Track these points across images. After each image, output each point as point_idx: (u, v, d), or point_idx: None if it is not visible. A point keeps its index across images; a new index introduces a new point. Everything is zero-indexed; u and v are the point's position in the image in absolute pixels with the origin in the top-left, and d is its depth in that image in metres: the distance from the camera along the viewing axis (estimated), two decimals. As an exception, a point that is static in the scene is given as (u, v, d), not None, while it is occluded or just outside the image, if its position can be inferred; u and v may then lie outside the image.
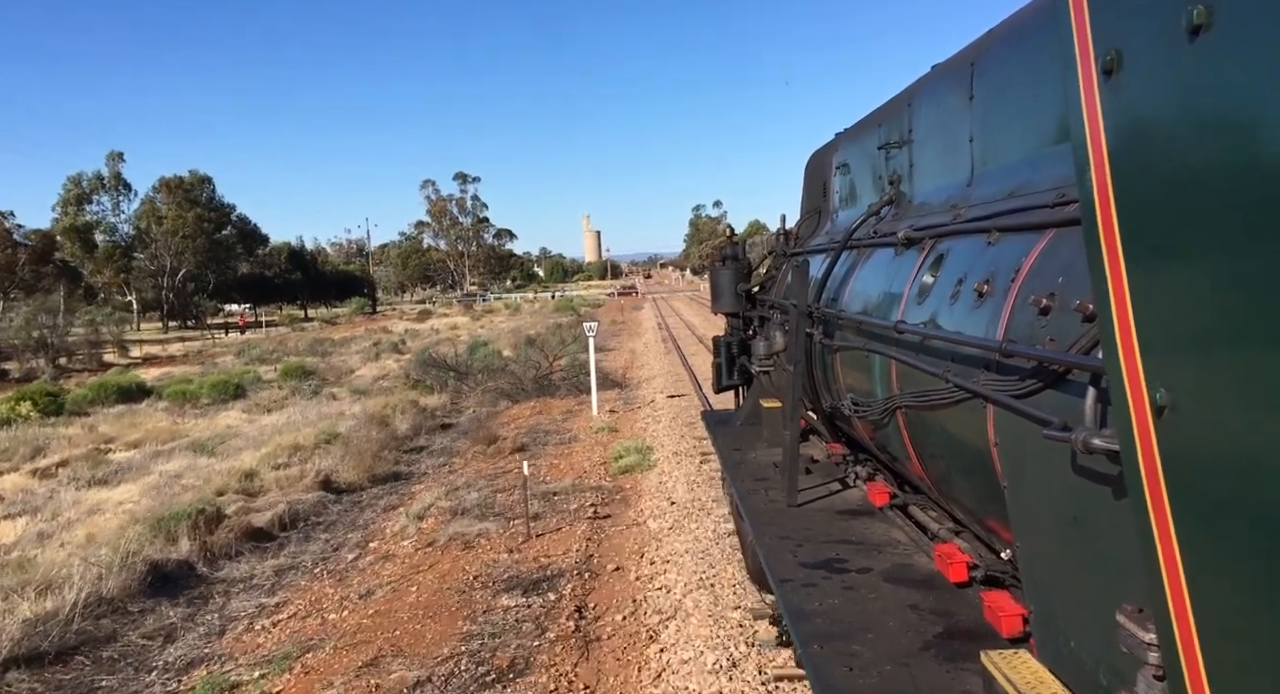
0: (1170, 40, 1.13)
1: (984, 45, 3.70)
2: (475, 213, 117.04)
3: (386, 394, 20.52)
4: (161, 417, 20.84)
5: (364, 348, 36.17)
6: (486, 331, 42.31)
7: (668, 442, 13.05)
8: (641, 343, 33.23)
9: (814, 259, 6.13)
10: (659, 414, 15.79)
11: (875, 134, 5.17)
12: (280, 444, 14.15)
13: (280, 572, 8.98)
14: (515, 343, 29.68)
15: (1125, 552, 1.91)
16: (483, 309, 73.44)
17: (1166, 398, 1.20)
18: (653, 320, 47.17)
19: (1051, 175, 2.89)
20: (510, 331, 38.88)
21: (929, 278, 3.68)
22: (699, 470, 11.13)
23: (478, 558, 8.40)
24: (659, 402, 17.28)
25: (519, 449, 13.28)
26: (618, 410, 16.67)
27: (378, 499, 11.77)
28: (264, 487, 11.97)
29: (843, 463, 5.50)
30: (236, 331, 63.27)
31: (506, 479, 11.33)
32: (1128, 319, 1.29)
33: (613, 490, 10.70)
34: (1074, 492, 2.20)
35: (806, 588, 3.65)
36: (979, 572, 3.43)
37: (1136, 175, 1.26)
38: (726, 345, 8.46)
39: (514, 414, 17.58)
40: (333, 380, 26.38)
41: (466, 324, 52.67)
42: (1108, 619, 1.90)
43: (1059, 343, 2.34)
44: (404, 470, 13.38)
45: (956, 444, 3.26)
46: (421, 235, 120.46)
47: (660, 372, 22.57)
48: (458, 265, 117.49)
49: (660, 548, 8.23)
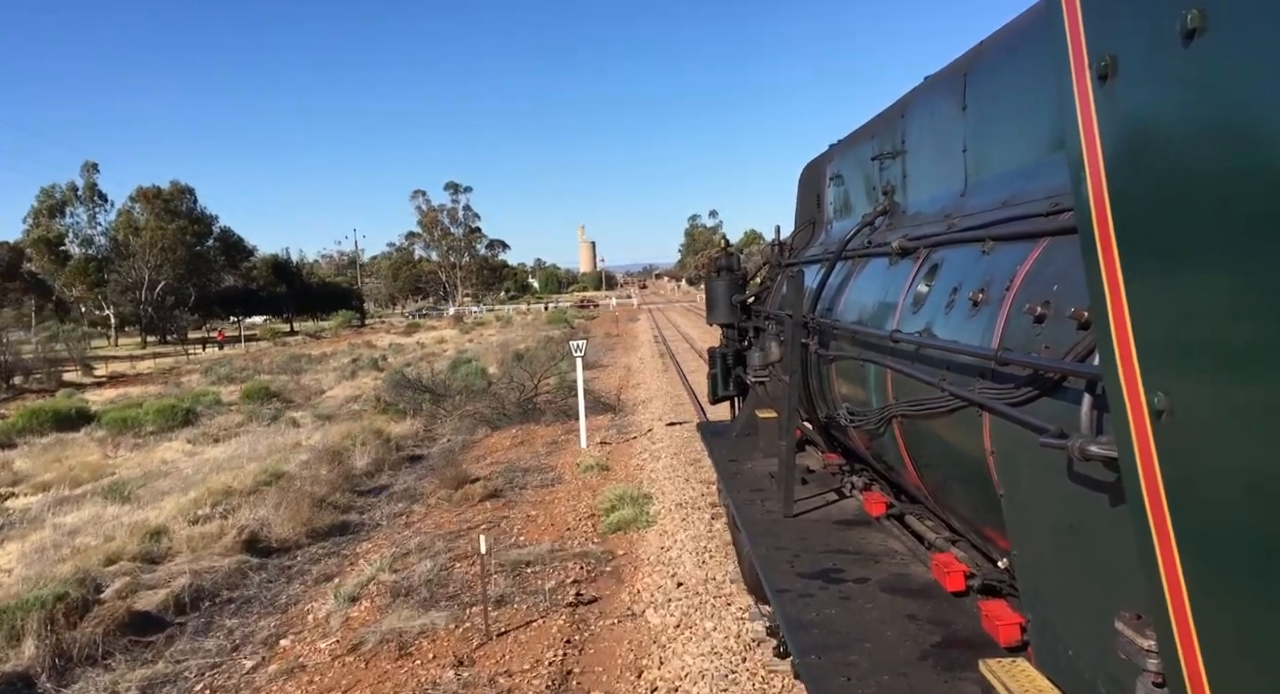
0: (1165, 45, 1.14)
1: (976, 55, 3.72)
2: (467, 223, 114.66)
3: (354, 419, 18.28)
4: (93, 449, 18.05)
5: (342, 365, 33.67)
6: (474, 346, 40.45)
7: (669, 487, 10.73)
8: (637, 358, 30.83)
9: (809, 269, 6.14)
10: (658, 447, 13.55)
11: (869, 144, 5.19)
12: (211, 488, 11.75)
13: (150, 689, 6.54)
14: (503, 359, 27.92)
15: (1123, 559, 1.90)
16: (473, 322, 71.05)
17: (1165, 402, 1.20)
18: (649, 333, 44.55)
19: (1045, 184, 2.90)
20: (499, 346, 36.73)
21: (924, 287, 3.69)
22: (710, 530, 8.66)
23: (412, 675, 6.21)
24: (657, 431, 15.01)
25: (491, 495, 11.15)
26: (610, 442, 14.52)
27: (313, 562, 9.30)
28: (171, 549, 9.48)
29: (839, 473, 5.49)
30: (215, 346, 61.10)
31: (471, 539, 8.95)
32: (1125, 324, 1.29)
33: (601, 558, 8.37)
34: (1071, 499, 2.20)
35: (803, 598, 3.64)
36: (976, 581, 3.42)
37: (1133, 181, 1.26)
38: (722, 356, 8.46)
39: (492, 444, 15.43)
40: (300, 402, 24.03)
41: (454, 338, 50.22)
42: (1106, 626, 1.90)
43: (1054, 350, 2.34)
44: (354, 520, 10.96)
45: (953, 453, 3.26)
46: (412, 246, 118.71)
47: (658, 392, 20.37)
48: (449, 277, 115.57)
49: (665, 661, 6.11)
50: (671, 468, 11.91)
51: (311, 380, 29.62)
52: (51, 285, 72.03)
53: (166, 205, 75.44)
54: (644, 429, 15.61)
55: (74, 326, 52.81)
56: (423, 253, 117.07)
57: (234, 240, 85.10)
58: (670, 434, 14.60)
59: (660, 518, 9.42)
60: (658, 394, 19.96)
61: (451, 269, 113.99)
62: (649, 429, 15.49)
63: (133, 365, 46.65)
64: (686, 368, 24.60)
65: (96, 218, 75.14)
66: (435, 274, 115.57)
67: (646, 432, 15.27)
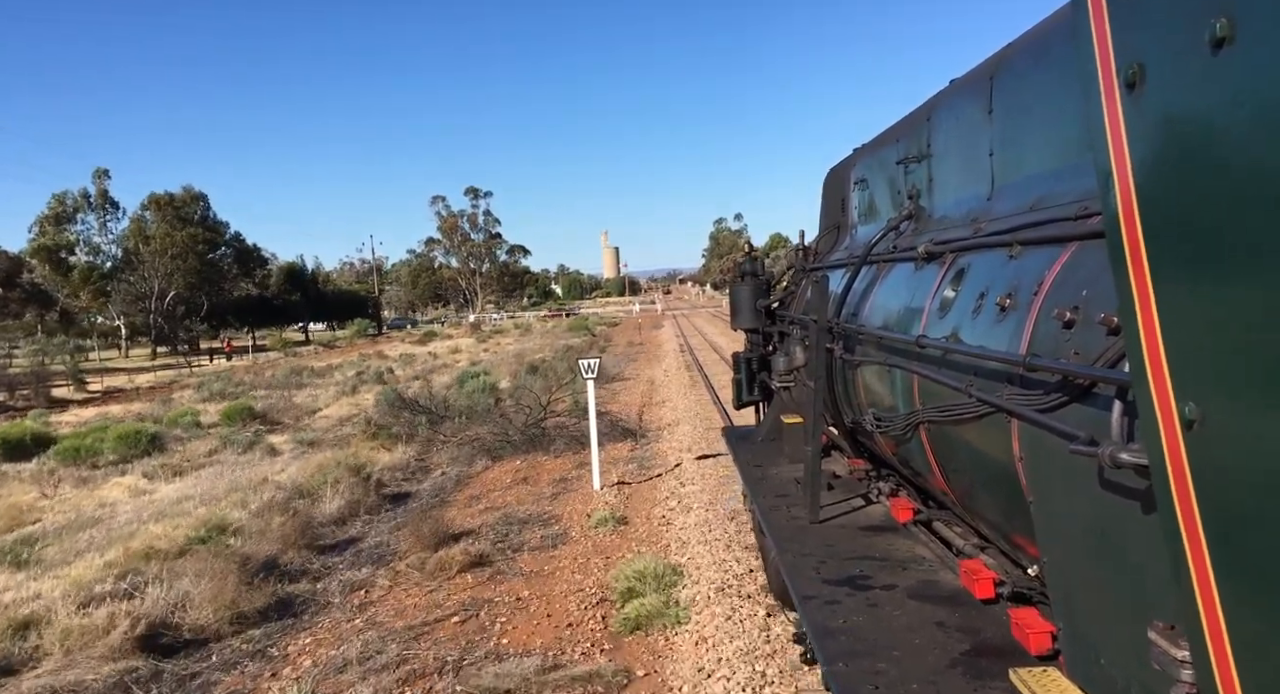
0: (1193, 54, 1.13)
1: (1002, 59, 3.70)
2: (488, 229, 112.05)
3: (341, 446, 15.84)
4: (29, 487, 15.04)
5: (345, 378, 30.91)
6: (489, 356, 38.73)
7: (705, 557, 8.04)
8: (661, 370, 27.37)
9: (833, 274, 6.13)
10: (687, 491, 10.81)
11: (894, 149, 5.17)
12: (130, 549, 9.26)
13: None
14: (516, 371, 25.73)
15: (1155, 567, 1.88)
16: (491, 330, 68.03)
17: (1196, 412, 1.19)
18: (674, 342, 40.87)
19: (1073, 188, 2.87)
20: (515, 356, 34.99)
21: (950, 292, 3.67)
22: (768, 637, 6.15)
23: None
24: (686, 466, 12.28)
25: (475, 563, 8.51)
26: (628, 480, 11.93)
27: (227, 668, 6.66)
28: (41, 650, 6.80)
29: (865, 478, 5.47)
30: (223, 358, 58.81)
31: (444, 631, 6.90)
32: (1155, 334, 1.28)
33: (613, 682, 5.81)
34: (1102, 506, 2.18)
35: (830, 605, 3.63)
36: (1006, 588, 3.39)
37: (1161, 189, 1.26)
38: (746, 361, 8.45)
39: (491, 480, 12.81)
40: (289, 424, 21.35)
41: (470, 347, 47.71)
42: (1139, 636, 1.88)
43: (1084, 356, 2.32)
44: (301, 593, 8.17)
45: (981, 459, 3.24)
46: (432, 253, 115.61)
47: (685, 413, 17.41)
48: (469, 283, 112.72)
49: None
50: (706, 524, 9.14)
51: (309, 396, 27.10)
52: (55, 296, 69.76)
53: (178, 212, 73.72)
54: (670, 463, 12.78)
55: (64, 339, 50.33)
56: (442, 260, 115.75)
57: (247, 248, 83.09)
58: (703, 472, 11.83)
59: (695, 610, 6.84)
60: (685, 415, 17.17)
61: (471, 276, 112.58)
62: (676, 464, 12.69)
63: (131, 379, 44.03)
64: (717, 382, 21.21)
65: (108, 226, 73.73)
66: (455, 281, 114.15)
67: (674, 467, 12.52)
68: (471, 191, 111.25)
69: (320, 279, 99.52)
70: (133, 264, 69.97)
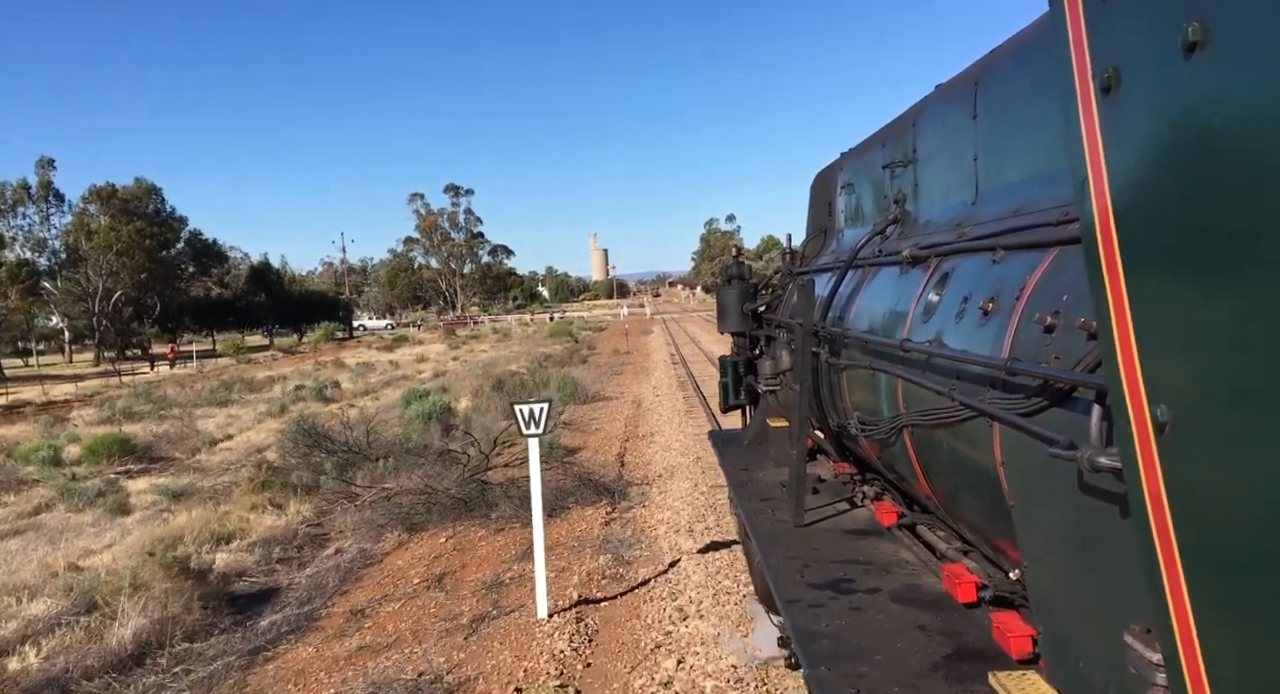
0: (1167, 58, 1.14)
1: (987, 64, 3.72)
2: (469, 228, 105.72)
3: (220, 498, 12.29)
4: None
5: (284, 393, 27.41)
6: (456, 366, 34.62)
7: None
8: (649, 387, 22.97)
9: (819, 278, 6.14)
10: (689, 632, 6.56)
11: (879, 153, 5.19)
12: None
13: None
14: (481, 386, 22.20)
15: (1133, 571, 1.89)
16: (467, 335, 62.46)
17: (1168, 414, 1.20)
18: (664, 351, 36.44)
19: (1056, 194, 2.89)
20: (484, 366, 31.35)
21: (934, 296, 3.68)
22: None
23: None
24: (687, 569, 7.93)
25: None
26: (594, 595, 7.51)
27: None
28: None
29: (850, 482, 5.47)
30: (166, 364, 54.06)
31: None
32: (1129, 336, 1.29)
33: None
34: (1081, 510, 2.18)
35: (814, 609, 3.63)
36: (988, 592, 3.40)
37: (1136, 193, 1.26)
38: (733, 365, 8.45)
39: (395, 574, 8.65)
40: (179, 458, 17.27)
41: (439, 355, 43.03)
42: (1116, 639, 1.88)
43: (1064, 361, 2.33)
44: None
45: (963, 463, 3.25)
46: (411, 253, 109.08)
47: (681, 454, 13.15)
48: (450, 285, 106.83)
49: None
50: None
51: (229, 417, 23.26)
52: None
53: (125, 206, 66.77)
54: (661, 557, 8.27)
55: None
56: (422, 260, 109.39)
57: (205, 245, 76.69)
58: (715, 578, 7.54)
59: None
60: (681, 459, 12.83)
61: (452, 276, 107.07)
62: (672, 562, 8.08)
63: (45, 390, 37.81)
64: (716, 401, 11.98)
65: (51, 220, 66.59)
66: (435, 282, 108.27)
67: (667, 567, 8.03)
68: (452, 189, 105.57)
69: (286, 279, 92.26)
70: (76, 261, 64.24)
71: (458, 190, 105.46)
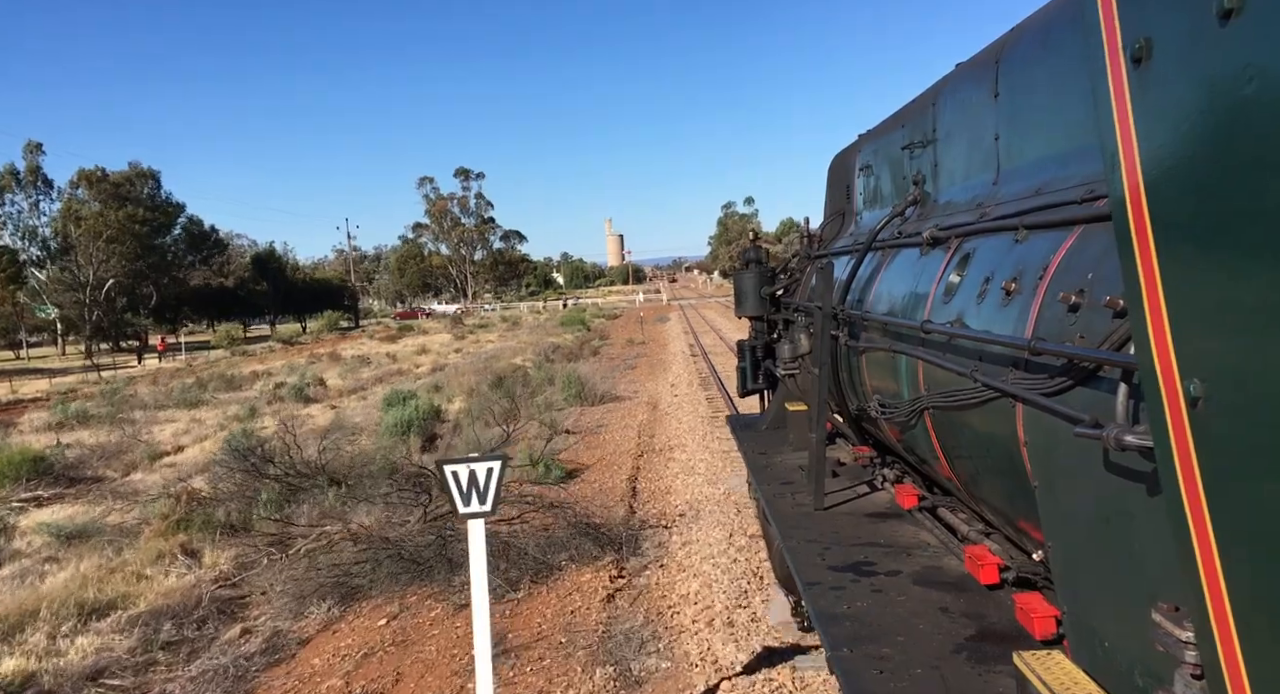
0: (1201, 26, 1.12)
1: (1008, 42, 3.67)
2: (480, 213, 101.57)
3: (130, 539, 9.56)
4: None
5: (264, 391, 25.18)
6: (458, 359, 32.10)
7: None
8: (667, 385, 20.05)
9: (838, 261, 6.11)
10: None
11: (899, 134, 5.14)
12: None
13: None
14: (479, 384, 20.01)
15: (1160, 549, 1.88)
16: (475, 324, 58.50)
17: (1200, 389, 1.18)
18: (682, 341, 33.35)
19: (1079, 171, 2.86)
20: (488, 359, 29.05)
21: (955, 277, 3.65)
22: None
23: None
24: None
25: None
26: None
27: None
28: None
29: (870, 465, 5.46)
30: (155, 357, 51.16)
31: None
32: (1160, 311, 1.27)
33: None
34: (1107, 490, 2.17)
35: (835, 591, 3.63)
36: (1010, 573, 3.39)
37: (1168, 166, 1.24)
38: (751, 349, 8.44)
39: (303, 678, 6.09)
40: (111, 478, 14.14)
41: (442, 346, 40.37)
42: (1143, 618, 1.87)
43: (1089, 339, 2.31)
44: None
45: (986, 444, 3.23)
46: (420, 239, 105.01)
47: (705, 475, 10.59)
48: (460, 271, 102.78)
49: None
50: None
51: (193, 421, 20.34)
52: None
53: (117, 191, 63.46)
54: (692, 679, 5.47)
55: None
56: (432, 246, 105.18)
57: (202, 231, 73.14)
58: None
59: None
60: (710, 490, 9.90)
61: (462, 263, 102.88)
62: (708, 691, 5.31)
63: (14, 388, 34.64)
64: None
65: (40, 207, 63.52)
66: (445, 269, 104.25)
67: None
68: (462, 173, 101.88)
69: (289, 267, 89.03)
70: (68, 250, 61.43)
71: (468, 173, 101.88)
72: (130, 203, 63.62)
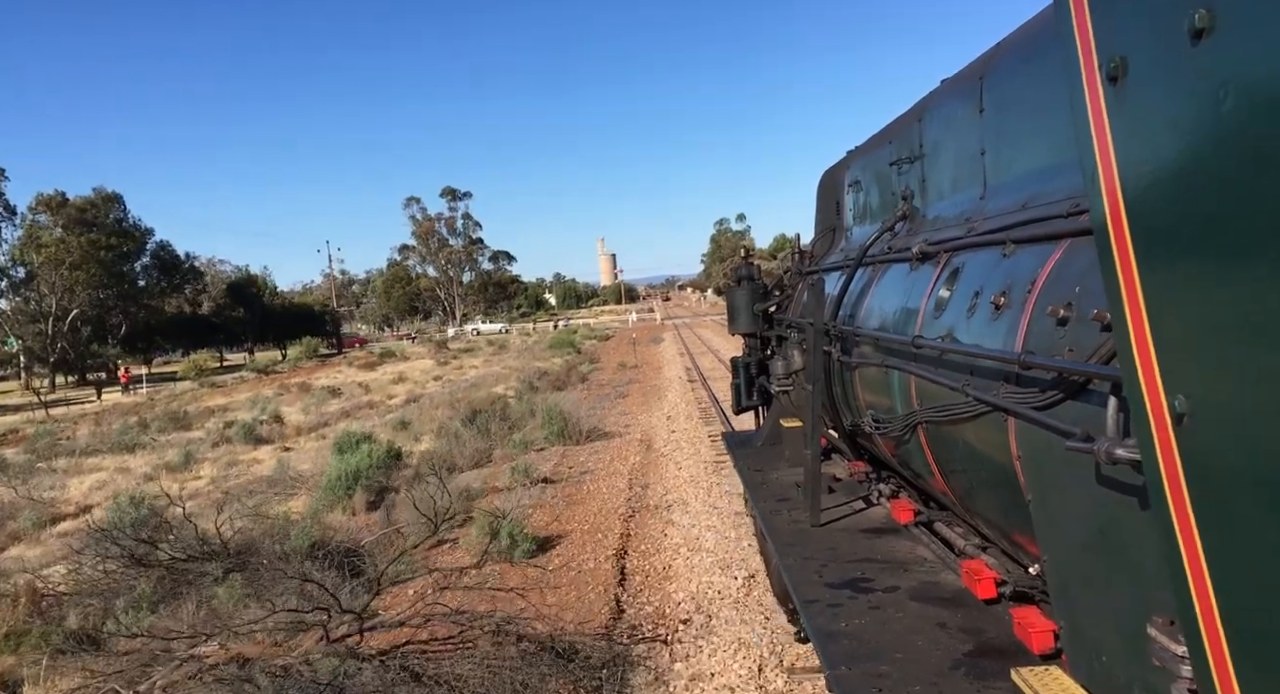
0: (1174, 45, 1.13)
1: (992, 58, 3.71)
2: (468, 233, 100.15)
3: None
4: None
5: (210, 431, 22.66)
6: (436, 388, 29.97)
7: None
8: (662, 417, 17.77)
9: (830, 276, 6.13)
10: None
11: (886, 150, 5.18)
12: None
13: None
14: (452, 419, 17.86)
15: (1154, 563, 1.88)
16: (460, 348, 55.16)
17: (1185, 405, 1.19)
18: (678, 363, 31.06)
19: (1065, 185, 2.88)
20: (469, 387, 27.32)
21: (945, 292, 3.67)
22: None
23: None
24: None
25: None
26: None
27: None
28: None
29: (866, 481, 5.45)
30: (119, 390, 48.29)
31: None
32: (1143, 328, 1.28)
33: None
34: (1099, 503, 2.17)
35: (832, 608, 3.61)
36: (1008, 587, 3.38)
37: (1147, 183, 1.25)
38: (745, 365, 8.44)
39: None
40: None
41: (422, 373, 37.96)
42: (1139, 632, 1.87)
43: (1078, 353, 2.32)
44: None
45: (979, 458, 3.23)
46: (408, 261, 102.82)
47: (714, 551, 8.21)
48: (448, 293, 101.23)
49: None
50: None
51: (115, 471, 17.74)
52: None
53: (81, 216, 60.25)
54: None
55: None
56: (419, 268, 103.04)
57: (174, 257, 69.29)
58: None
59: None
60: (723, 579, 7.49)
61: (450, 285, 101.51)
62: None
63: None
64: None
65: (3, 234, 59.14)
66: (433, 291, 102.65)
67: None
68: (449, 193, 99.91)
69: (268, 292, 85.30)
70: (32, 278, 58.44)
71: (455, 193, 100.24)
72: (95, 228, 60.38)
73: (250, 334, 77.25)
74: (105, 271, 59.88)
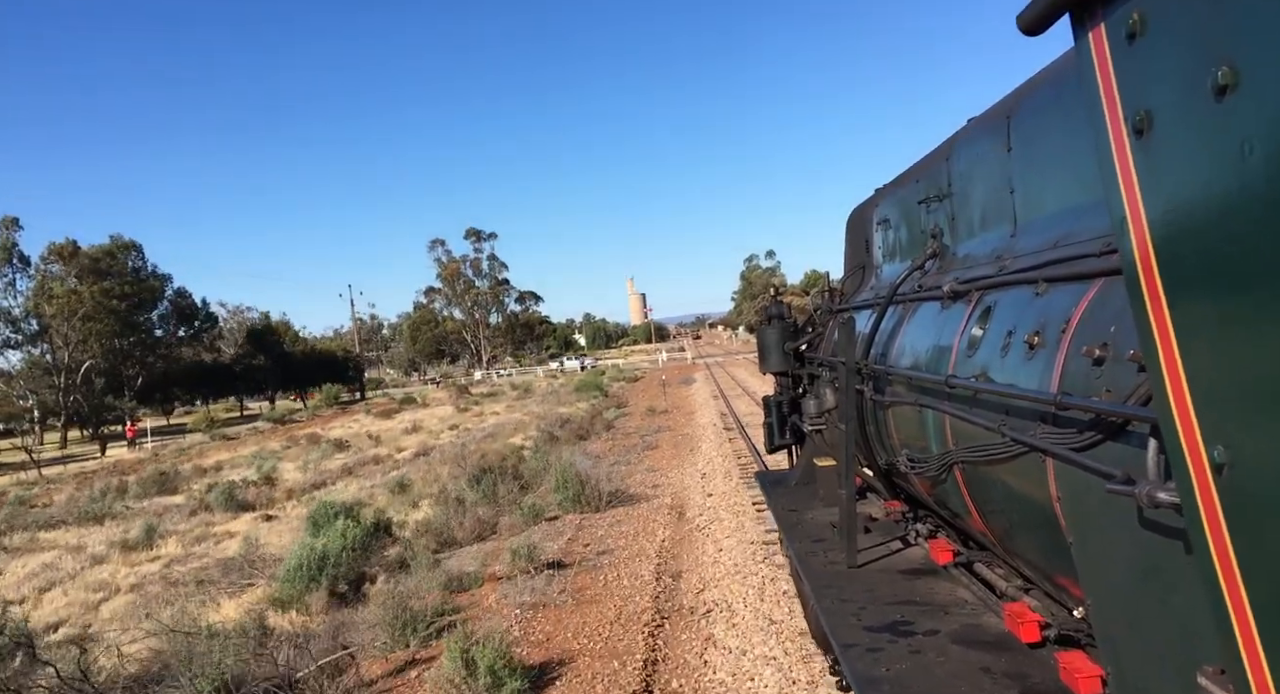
0: (1198, 101, 1.15)
1: (1020, 97, 3.73)
2: (493, 274, 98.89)
3: None
4: None
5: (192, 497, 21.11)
6: (451, 438, 28.37)
7: None
8: (696, 473, 15.70)
9: (860, 314, 6.12)
10: None
11: (915, 188, 5.20)
12: None
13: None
14: (458, 478, 15.96)
15: (1202, 608, 1.84)
16: (484, 392, 53.15)
17: (1225, 456, 1.18)
18: (712, 407, 28.47)
19: (1096, 224, 2.87)
20: (484, 438, 25.70)
21: (978, 330, 3.66)
22: None
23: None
24: None
25: None
26: None
27: None
28: None
29: (902, 520, 5.39)
30: (125, 445, 47.27)
31: None
32: (1179, 378, 1.28)
33: None
34: (1143, 546, 2.14)
35: (872, 653, 3.56)
36: (1052, 631, 3.32)
37: (1176, 232, 1.26)
38: (777, 404, 8.41)
39: None
40: None
41: (440, 421, 36.27)
42: (1188, 680, 1.83)
43: (1115, 393, 2.30)
44: None
45: (1018, 499, 3.20)
46: (433, 303, 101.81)
47: (774, 667, 6.23)
48: (475, 335, 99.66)
49: None
50: None
51: (71, 547, 16.65)
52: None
53: (95, 265, 58.80)
54: None
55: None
56: (445, 311, 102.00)
57: (191, 305, 68.25)
58: None
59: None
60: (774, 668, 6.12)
61: (477, 327, 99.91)
62: None
63: None
64: None
65: (17, 285, 58.15)
66: (460, 333, 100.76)
67: None
68: (473, 234, 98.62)
69: (289, 338, 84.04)
70: (46, 331, 57.06)
71: (479, 234, 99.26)
72: (110, 277, 59.16)
73: (271, 382, 75.49)
74: (119, 322, 58.70)
